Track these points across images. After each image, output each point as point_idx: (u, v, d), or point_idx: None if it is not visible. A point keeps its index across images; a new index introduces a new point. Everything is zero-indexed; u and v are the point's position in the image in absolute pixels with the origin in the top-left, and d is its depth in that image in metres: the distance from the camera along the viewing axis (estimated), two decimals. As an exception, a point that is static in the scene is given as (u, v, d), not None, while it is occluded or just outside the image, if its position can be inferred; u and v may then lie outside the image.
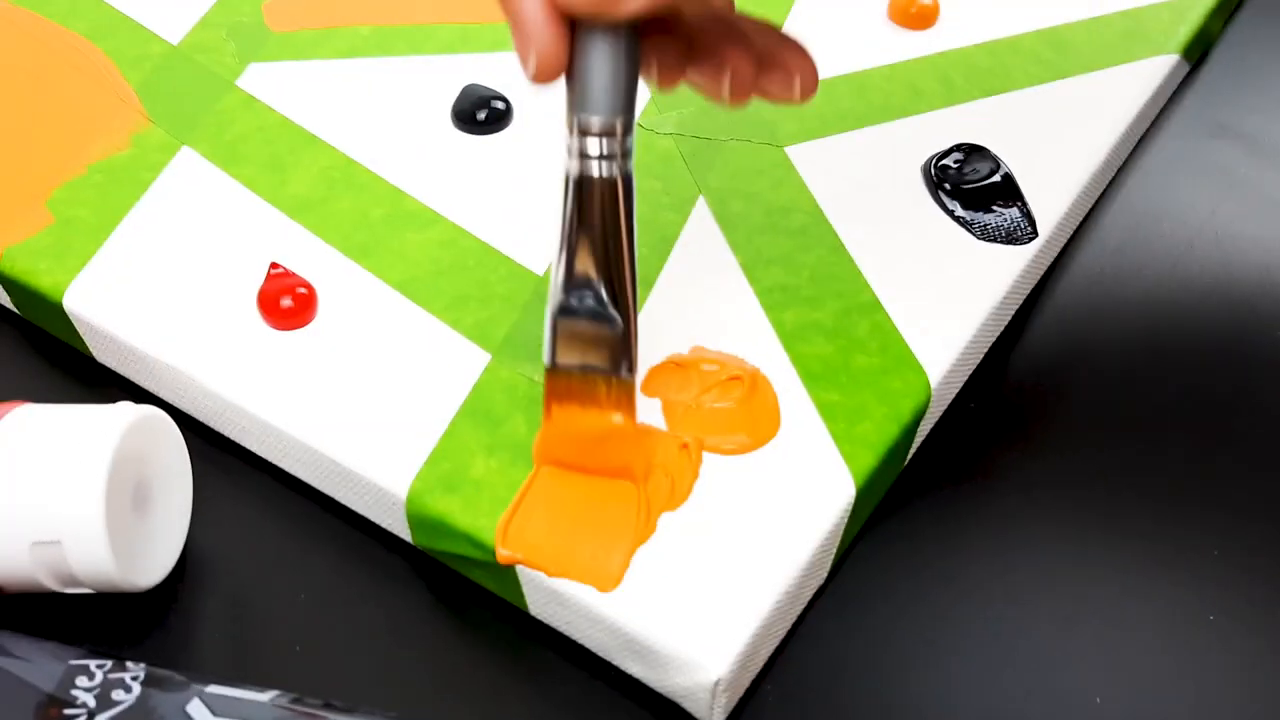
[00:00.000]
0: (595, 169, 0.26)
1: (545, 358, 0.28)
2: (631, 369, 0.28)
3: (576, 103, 0.26)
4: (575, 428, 0.28)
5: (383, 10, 0.45)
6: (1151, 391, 0.34)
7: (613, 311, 0.27)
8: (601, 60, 0.25)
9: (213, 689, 0.25)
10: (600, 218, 0.26)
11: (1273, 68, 0.45)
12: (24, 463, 0.27)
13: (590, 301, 0.27)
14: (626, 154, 0.26)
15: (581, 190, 0.26)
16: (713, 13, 0.28)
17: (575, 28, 0.25)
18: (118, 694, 0.25)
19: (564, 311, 0.27)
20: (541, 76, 0.25)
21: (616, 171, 0.26)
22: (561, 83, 0.25)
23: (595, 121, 0.26)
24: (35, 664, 0.25)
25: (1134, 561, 0.30)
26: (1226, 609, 0.29)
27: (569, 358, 0.28)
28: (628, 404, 0.28)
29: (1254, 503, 0.31)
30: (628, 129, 0.26)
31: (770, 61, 0.28)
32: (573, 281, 0.27)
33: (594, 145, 0.26)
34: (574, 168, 0.26)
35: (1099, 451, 0.32)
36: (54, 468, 0.27)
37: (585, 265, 0.27)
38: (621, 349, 0.27)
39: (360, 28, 0.44)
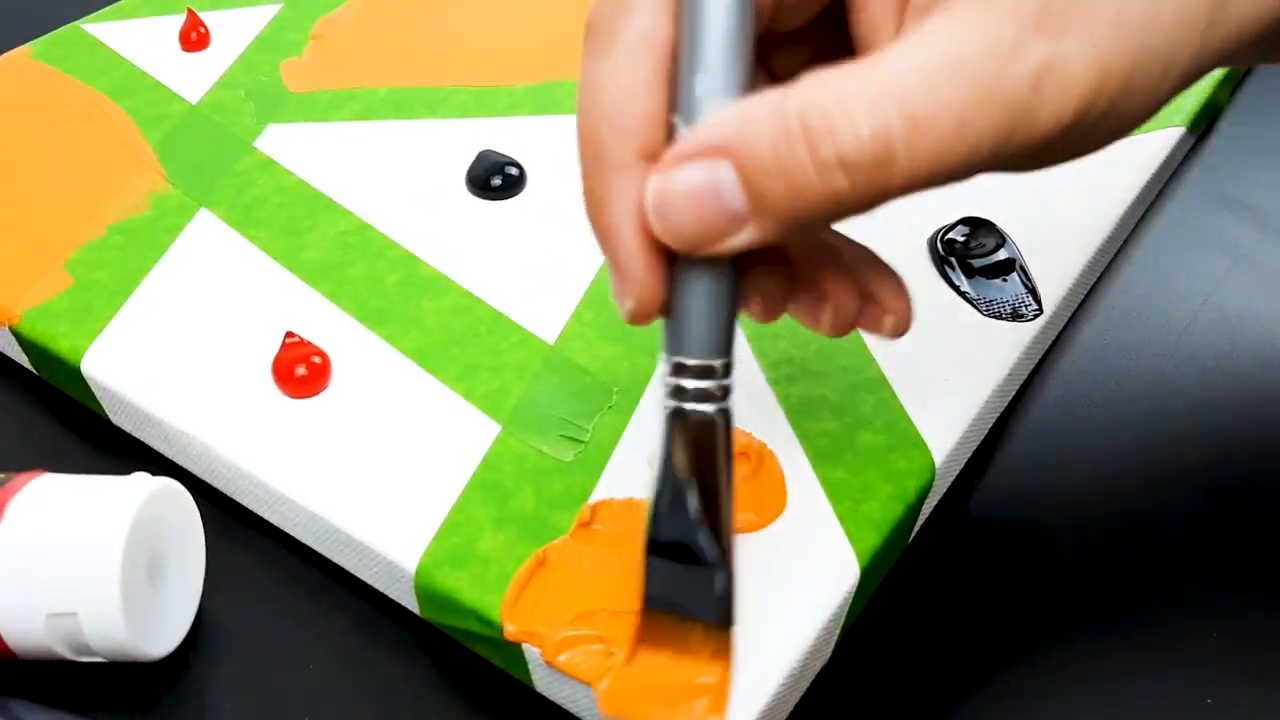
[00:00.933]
0: (693, 408, 0.25)
1: (646, 599, 0.25)
2: (731, 621, 0.25)
3: (675, 343, 0.24)
4: (659, 676, 0.26)
5: (400, 73, 0.46)
6: (1154, 469, 0.34)
7: (711, 556, 0.25)
8: (701, 299, 0.24)
9: (223, 767, 0.26)
10: (701, 457, 0.25)
11: (1278, 139, 0.45)
12: (42, 535, 0.27)
13: (687, 542, 0.25)
14: (726, 392, 0.25)
15: (678, 428, 0.25)
16: (817, 241, 0.27)
17: (674, 262, 0.24)
18: (129, 771, 0.25)
19: (659, 549, 0.25)
20: (639, 319, 0.24)
21: (715, 411, 0.25)
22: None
23: (695, 363, 0.24)
24: (48, 737, 0.26)
25: (1134, 642, 0.30)
26: (1225, 691, 0.29)
27: (662, 597, 0.25)
28: (725, 655, 0.26)
29: (1255, 586, 0.31)
30: (728, 369, 0.25)
31: (866, 294, 0.27)
32: (670, 518, 0.25)
33: (693, 384, 0.24)
34: (670, 405, 0.25)
35: (1101, 529, 0.33)
36: (72, 541, 0.27)
37: (682, 502, 0.25)
38: (723, 596, 0.25)
39: (377, 89, 0.45)
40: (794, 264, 0.26)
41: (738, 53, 0.23)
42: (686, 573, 0.25)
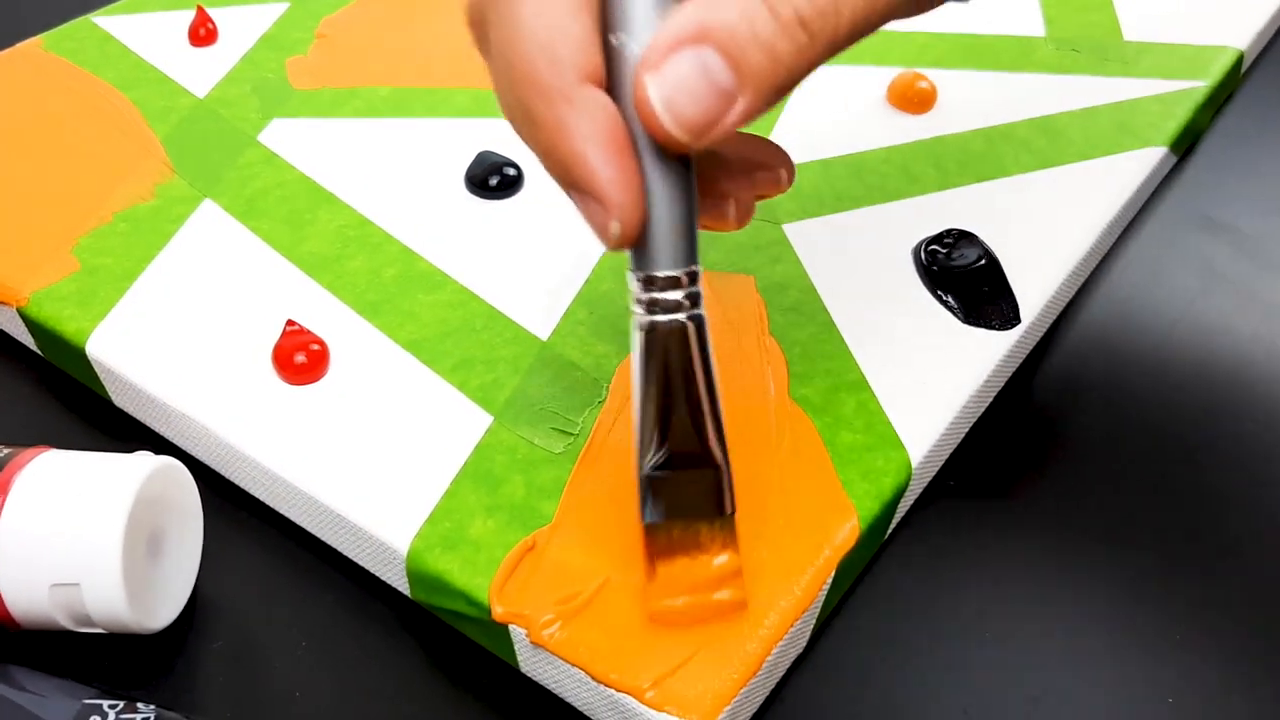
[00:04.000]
0: (669, 319, 0.26)
1: (642, 515, 0.27)
2: (731, 507, 0.27)
3: (644, 258, 0.25)
4: (683, 580, 0.28)
5: (401, 73, 0.47)
6: (1123, 477, 0.35)
7: (705, 454, 0.26)
8: (668, 210, 0.25)
9: (217, 733, 0.26)
10: (681, 364, 0.26)
11: (1258, 162, 0.47)
12: (47, 508, 0.28)
13: (676, 450, 0.26)
14: (696, 300, 0.26)
15: (656, 342, 0.26)
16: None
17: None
18: (128, 734, 0.26)
19: (653, 466, 0.27)
20: (626, 241, 0.25)
21: (687, 318, 0.26)
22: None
23: (665, 274, 0.25)
24: (49, 701, 0.27)
25: (1098, 645, 0.31)
26: (1184, 692, 0.30)
27: (664, 512, 0.27)
28: (732, 542, 0.28)
29: (1215, 591, 0.32)
30: (694, 278, 0.26)
31: (754, 167, 0.29)
32: (656, 434, 0.26)
33: (667, 296, 0.25)
34: (645, 321, 0.26)
35: (1072, 536, 0.34)
36: (75, 514, 0.28)
37: (667, 414, 0.26)
38: (716, 490, 0.27)
39: (380, 88, 0.46)
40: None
41: None
42: (679, 479, 0.27)
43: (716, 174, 0.28)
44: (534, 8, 0.24)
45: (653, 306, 0.26)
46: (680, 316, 0.26)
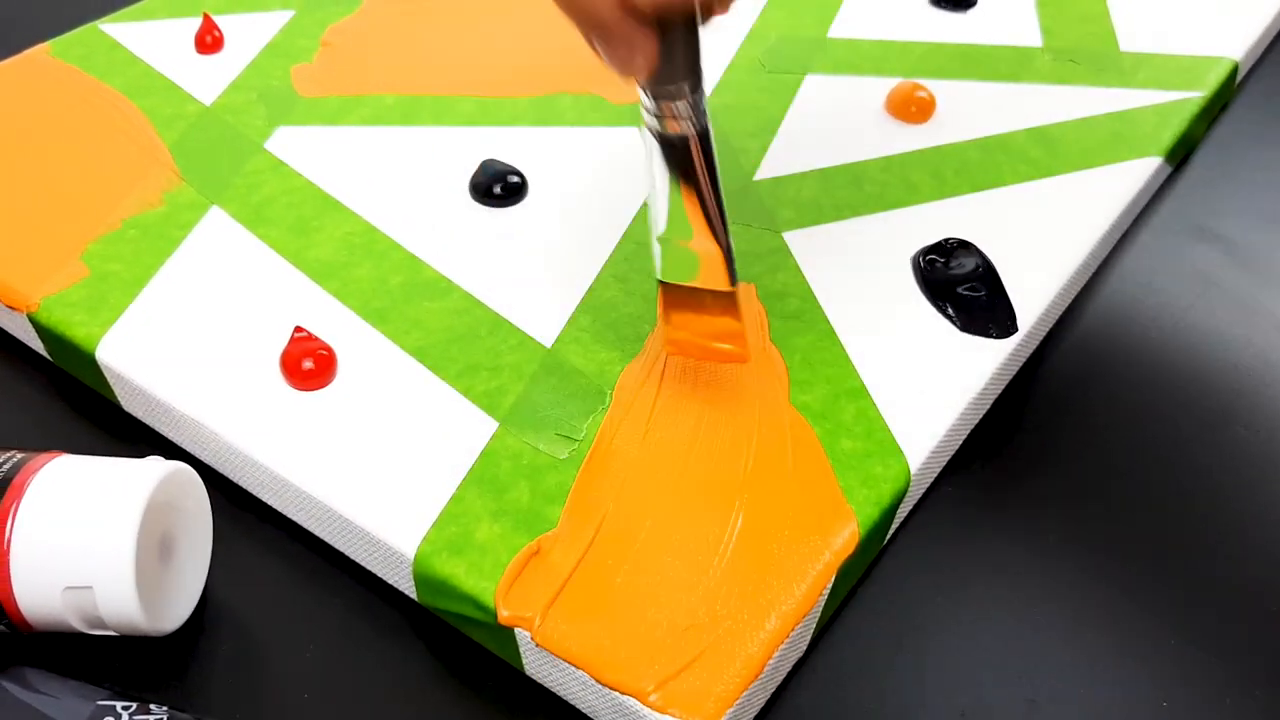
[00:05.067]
0: (682, 128, 0.30)
1: (657, 273, 0.33)
2: (733, 282, 0.32)
3: (661, 76, 0.29)
4: (690, 324, 0.34)
5: (407, 81, 0.47)
6: (1118, 482, 0.36)
7: (709, 237, 0.32)
8: (680, 35, 0.29)
9: (229, 734, 0.27)
10: (692, 167, 0.31)
11: (1251, 173, 0.47)
12: (61, 512, 0.29)
13: (688, 232, 0.32)
14: (703, 110, 0.30)
15: (672, 148, 0.31)
16: None
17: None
18: (141, 735, 0.26)
19: (667, 238, 0.32)
20: (646, 73, 0.29)
21: (698, 127, 0.30)
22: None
23: (677, 89, 0.29)
24: (63, 702, 0.27)
25: (1094, 648, 0.32)
26: (1179, 695, 0.31)
27: (676, 276, 0.33)
28: (733, 309, 0.33)
29: (1209, 595, 0.33)
30: (699, 87, 0.30)
31: None
32: (671, 217, 0.32)
33: (678, 109, 0.30)
34: (657, 129, 0.30)
35: (1068, 541, 0.34)
36: (89, 518, 0.29)
37: (679, 206, 0.31)
38: (718, 266, 0.32)
39: (385, 96, 0.47)
40: None
41: None
42: (689, 251, 0.32)
43: None
44: None
45: (670, 117, 0.30)
46: (693, 126, 0.30)
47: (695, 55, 0.30)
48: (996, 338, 0.37)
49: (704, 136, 0.31)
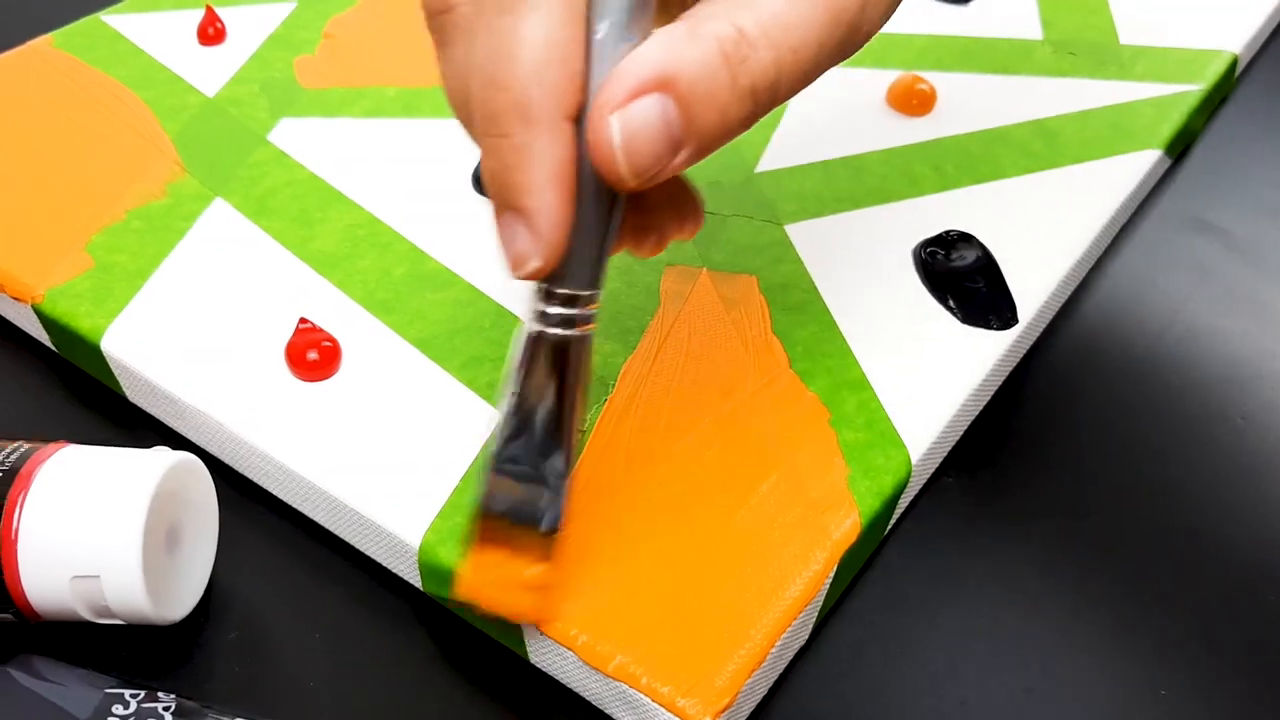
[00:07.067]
0: (555, 332, 0.27)
1: (477, 501, 0.28)
2: (557, 528, 0.28)
3: (555, 275, 0.26)
4: (493, 570, 0.29)
5: (409, 73, 0.47)
6: (1117, 473, 0.36)
7: (546, 472, 0.28)
8: (591, 237, 0.26)
9: (238, 722, 0.27)
10: (552, 378, 0.27)
11: (1251, 166, 0.47)
12: (68, 501, 0.29)
13: (526, 457, 0.28)
14: (588, 321, 0.27)
15: (540, 350, 0.27)
16: None
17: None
18: (150, 723, 0.27)
19: (500, 460, 0.28)
20: (538, 275, 0.25)
21: (575, 336, 0.27)
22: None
23: (574, 292, 0.26)
24: (71, 690, 0.27)
25: (1092, 638, 0.32)
26: (1176, 685, 0.31)
27: (499, 505, 0.28)
28: (549, 557, 0.28)
29: (1207, 586, 0.33)
30: (593, 300, 0.27)
31: (677, 205, 0.29)
32: (515, 435, 0.28)
33: (558, 311, 0.26)
34: (535, 329, 0.27)
35: (1068, 529, 0.34)
36: (96, 508, 0.29)
37: (531, 421, 0.27)
38: (548, 509, 0.28)
39: (387, 88, 0.47)
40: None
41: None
42: (522, 485, 0.28)
43: (642, 207, 0.28)
44: (543, 26, 0.24)
45: (544, 317, 0.26)
46: (569, 333, 0.27)
47: (606, 251, 0.26)
48: (997, 329, 0.37)
49: (584, 347, 0.27)
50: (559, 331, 0.27)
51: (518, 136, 0.24)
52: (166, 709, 0.27)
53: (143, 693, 0.27)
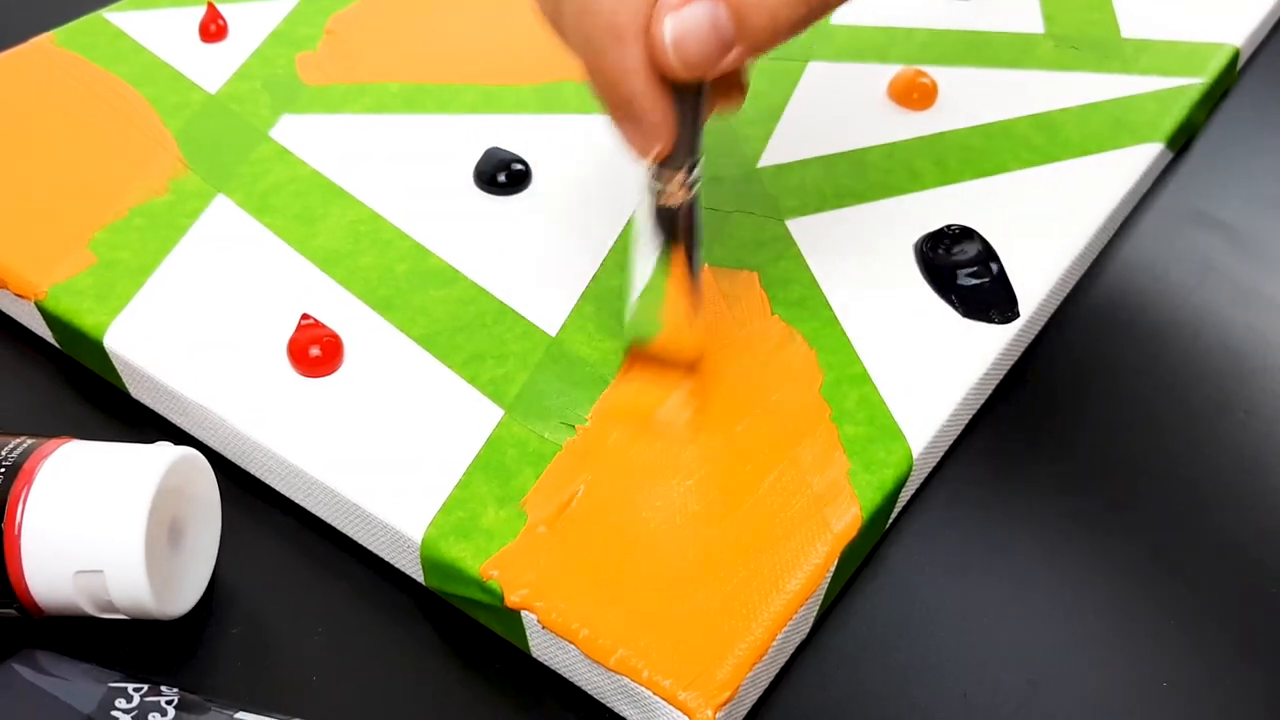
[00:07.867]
0: (680, 199, 0.32)
1: (627, 334, 0.35)
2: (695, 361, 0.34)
3: (671, 154, 0.30)
4: (644, 395, 0.34)
5: (410, 69, 0.47)
6: (1120, 465, 0.36)
7: (684, 299, 0.33)
8: (688, 119, 0.30)
9: (241, 715, 0.27)
10: (686, 234, 0.32)
11: (1252, 159, 0.47)
12: (72, 496, 0.29)
13: (660, 297, 0.33)
14: (695, 185, 0.32)
15: (668, 216, 0.32)
16: None
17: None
18: (153, 717, 0.27)
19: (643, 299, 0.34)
20: (661, 156, 0.30)
21: (689, 198, 0.32)
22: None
23: (681, 165, 0.31)
24: (75, 685, 0.27)
25: (1095, 629, 0.32)
26: (1179, 676, 0.31)
27: (642, 336, 0.34)
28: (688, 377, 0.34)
29: (1210, 577, 0.33)
30: (695, 167, 0.31)
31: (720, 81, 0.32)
32: (651, 279, 0.33)
33: (684, 176, 0.31)
34: (660, 201, 0.32)
35: (1069, 524, 0.34)
36: (99, 503, 0.29)
37: (663, 269, 0.33)
38: (685, 333, 0.34)
39: (389, 85, 0.47)
40: None
41: None
42: (658, 316, 0.34)
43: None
44: None
45: (666, 192, 0.31)
46: (684, 196, 0.32)
47: (701, 128, 0.31)
48: (998, 324, 0.37)
49: (694, 204, 0.32)
50: (683, 195, 0.31)
51: (612, 53, 0.28)
52: (169, 703, 0.27)
53: (146, 687, 0.27)
